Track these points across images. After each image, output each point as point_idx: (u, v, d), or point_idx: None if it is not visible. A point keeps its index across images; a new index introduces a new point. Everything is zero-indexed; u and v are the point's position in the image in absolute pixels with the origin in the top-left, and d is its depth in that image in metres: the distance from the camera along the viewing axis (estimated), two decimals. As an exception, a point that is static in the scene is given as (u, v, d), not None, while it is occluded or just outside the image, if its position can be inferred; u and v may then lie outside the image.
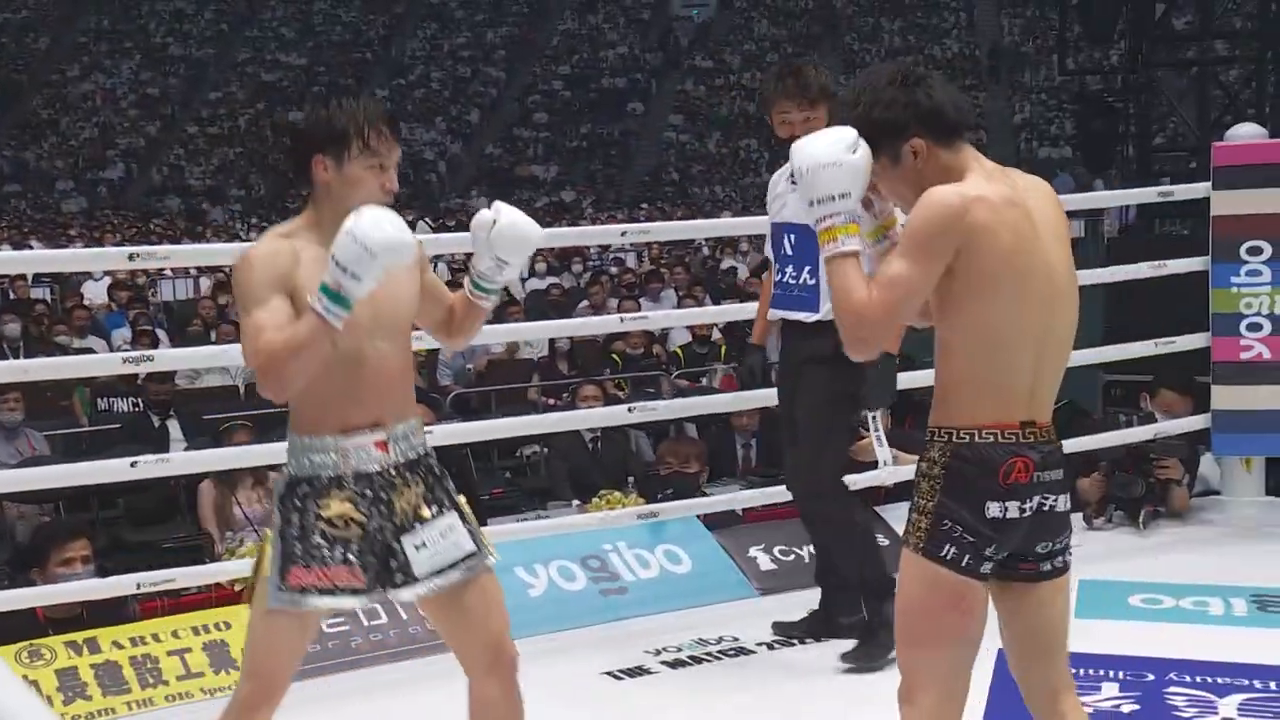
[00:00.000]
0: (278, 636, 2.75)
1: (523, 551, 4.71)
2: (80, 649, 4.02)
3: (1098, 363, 7.18)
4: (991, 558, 2.51)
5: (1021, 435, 2.50)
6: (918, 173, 2.54)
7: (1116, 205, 12.97)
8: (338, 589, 2.71)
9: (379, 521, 2.75)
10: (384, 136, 2.76)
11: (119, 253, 4.63)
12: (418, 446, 2.84)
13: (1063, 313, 2.57)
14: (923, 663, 2.56)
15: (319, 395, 2.71)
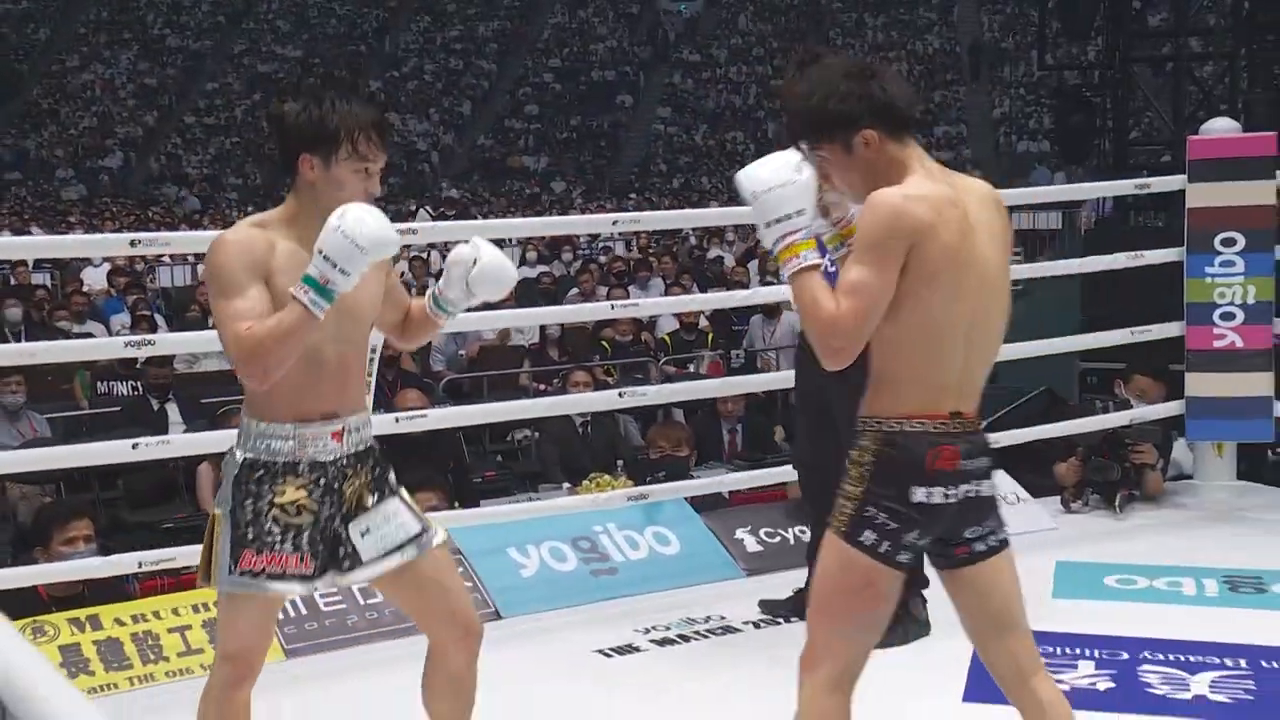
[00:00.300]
0: (241, 617, 2.76)
1: (515, 533, 4.73)
2: (83, 626, 4.03)
3: (1075, 351, 7.20)
4: (911, 545, 2.55)
5: (950, 425, 2.54)
6: (868, 162, 2.57)
7: (1094, 197, 12.99)
8: (287, 574, 2.72)
9: (329, 510, 2.77)
10: (373, 143, 2.74)
11: (121, 239, 4.62)
12: (367, 439, 2.86)
13: (994, 308, 2.60)
14: (830, 635, 2.61)
15: (281, 384, 2.69)
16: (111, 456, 4.59)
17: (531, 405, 6.47)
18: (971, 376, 2.59)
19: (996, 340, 2.65)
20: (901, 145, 2.58)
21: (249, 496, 2.73)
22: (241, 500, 2.73)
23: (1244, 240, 5.51)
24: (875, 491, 2.54)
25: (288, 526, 2.72)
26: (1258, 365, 5.53)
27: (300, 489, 2.74)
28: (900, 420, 2.53)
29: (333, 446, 2.77)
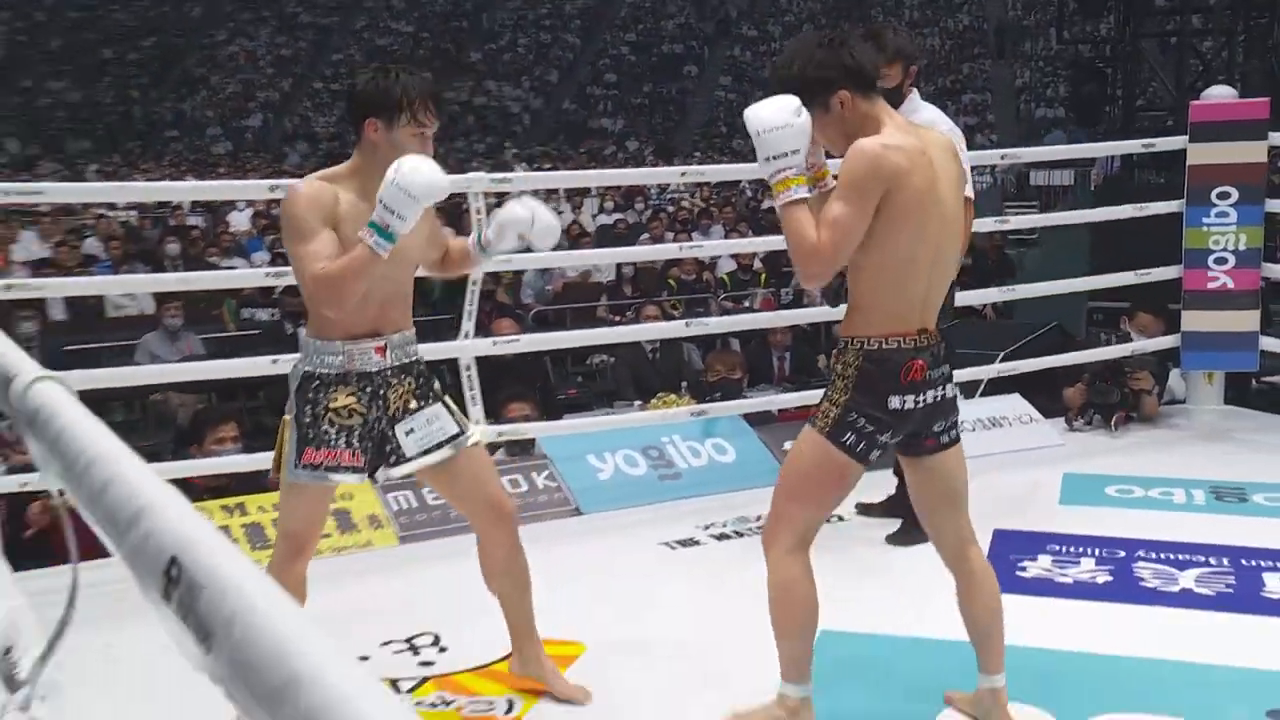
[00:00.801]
0: (300, 504, 2.84)
1: (593, 442, 4.75)
2: (233, 511, 4.11)
3: (1084, 291, 7.10)
4: (883, 445, 2.62)
5: (919, 341, 2.59)
6: (844, 119, 2.59)
7: (1104, 156, 12.73)
8: (341, 467, 2.79)
9: (376, 413, 2.83)
10: (429, 110, 2.77)
11: (261, 185, 4.64)
12: (411, 353, 2.90)
13: (950, 243, 2.63)
14: (794, 513, 2.69)
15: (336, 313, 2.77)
16: (254, 371, 4.64)
17: (608, 333, 6.48)
18: (932, 299, 2.63)
19: (953, 268, 2.71)
20: (871, 103, 2.60)
21: (308, 403, 2.80)
22: (303, 406, 2.80)
23: (1237, 194, 5.42)
24: (858, 400, 2.58)
25: (341, 428, 2.79)
26: (1246, 304, 5.46)
27: (350, 396, 2.80)
28: (878, 339, 2.57)
29: (376, 360, 2.82)
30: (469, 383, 4.43)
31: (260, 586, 0.60)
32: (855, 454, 2.60)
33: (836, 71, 2.57)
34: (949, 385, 2.67)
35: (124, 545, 0.74)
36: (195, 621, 0.62)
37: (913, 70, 4.02)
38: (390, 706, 0.49)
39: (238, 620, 0.58)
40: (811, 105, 2.58)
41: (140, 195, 11.75)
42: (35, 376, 1.06)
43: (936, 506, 2.75)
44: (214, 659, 0.60)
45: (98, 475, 0.81)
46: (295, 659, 0.53)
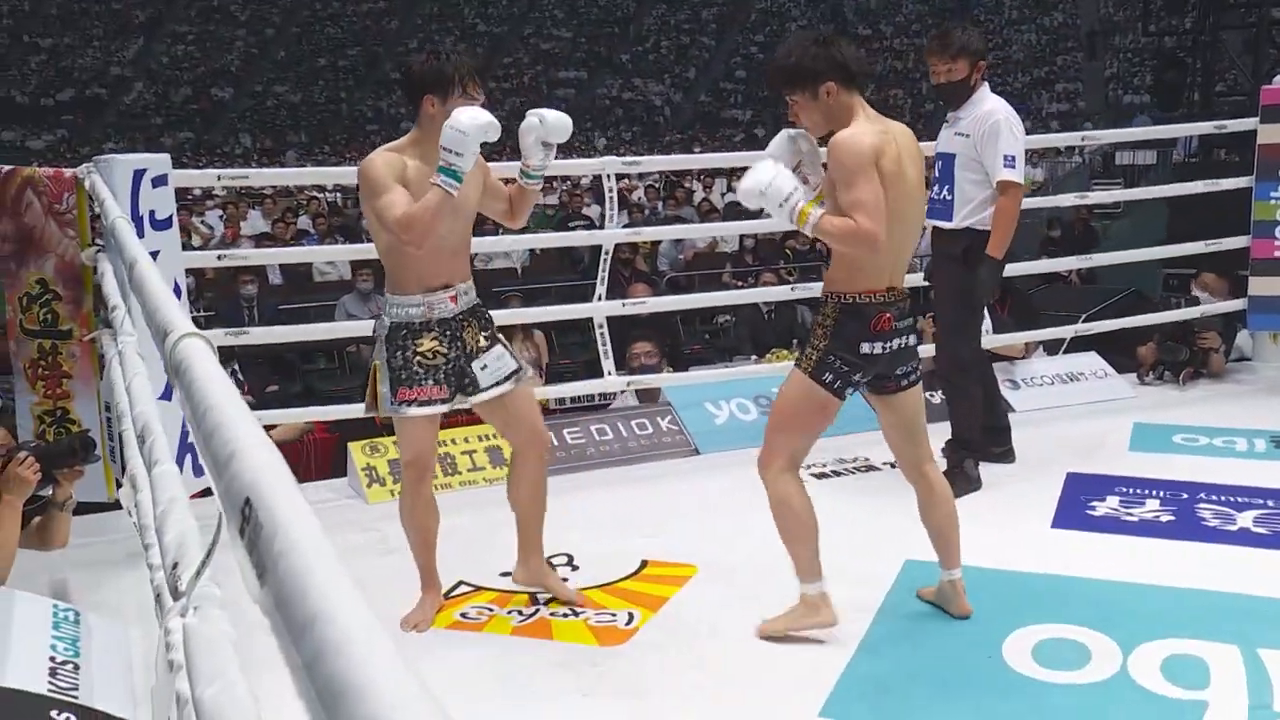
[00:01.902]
0: (410, 433, 2.92)
1: (712, 391, 4.69)
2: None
3: (1160, 259, 6.76)
4: (856, 384, 2.73)
5: (888, 297, 2.67)
6: (828, 106, 2.67)
7: (1183, 137, 12.08)
8: (431, 400, 2.87)
9: (455, 353, 2.89)
10: (477, 85, 2.81)
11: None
12: (473, 299, 2.95)
13: (913, 214, 2.72)
14: (783, 441, 2.78)
15: (409, 266, 2.82)
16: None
17: (731, 296, 6.40)
18: (900, 261, 2.70)
19: (916, 235, 2.78)
20: (851, 95, 2.67)
21: (399, 349, 2.85)
22: (394, 353, 2.85)
23: (1304, 170, 5.05)
24: (835, 345, 2.68)
25: (428, 368, 2.86)
26: (1309, 271, 5.10)
27: (434, 340, 2.86)
28: (854, 295, 2.66)
29: (450, 307, 2.88)
30: (601, 339, 4.41)
31: (306, 532, 0.56)
32: (834, 389, 2.71)
33: (826, 64, 2.65)
34: (911, 335, 2.75)
35: (220, 484, 0.72)
36: (257, 557, 0.59)
37: (980, 65, 3.86)
38: (386, 647, 0.45)
39: (282, 559, 0.55)
40: (803, 91, 2.67)
41: (326, 178, 12.02)
42: (183, 333, 1.06)
43: (897, 435, 2.86)
44: (265, 593, 0.57)
45: (210, 421, 0.80)
46: (318, 599, 0.50)
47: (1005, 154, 3.75)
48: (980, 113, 3.82)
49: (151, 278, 1.53)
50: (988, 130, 3.77)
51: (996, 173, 3.76)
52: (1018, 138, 3.79)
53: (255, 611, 0.66)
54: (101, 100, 37.72)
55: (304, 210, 12.90)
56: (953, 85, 3.85)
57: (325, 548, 0.55)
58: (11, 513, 2.83)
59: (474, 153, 2.66)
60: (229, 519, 0.68)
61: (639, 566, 3.30)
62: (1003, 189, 3.77)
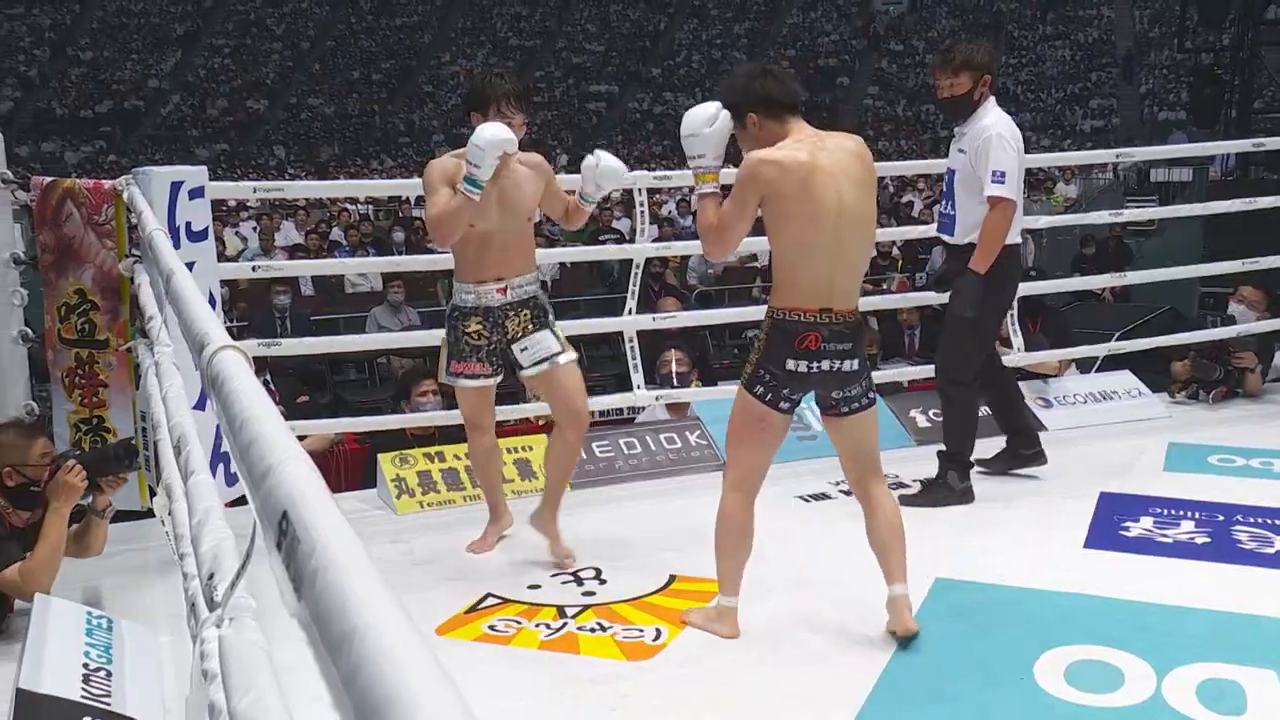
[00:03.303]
0: (464, 399, 3.41)
1: (741, 404, 4.67)
2: (433, 458, 4.15)
3: (1196, 276, 6.70)
4: (787, 398, 2.79)
5: (818, 318, 2.72)
6: (755, 135, 2.78)
7: (1220, 154, 11.96)
8: (475, 375, 3.33)
9: (496, 337, 3.30)
10: (511, 106, 3.17)
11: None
12: (529, 292, 3.32)
13: (851, 233, 2.73)
14: (734, 455, 2.91)
15: (466, 258, 3.27)
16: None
17: (758, 310, 6.36)
18: (842, 283, 2.74)
19: (861, 255, 2.82)
20: (781, 124, 2.77)
21: (453, 329, 3.33)
22: (451, 331, 3.34)
23: (1345, 189, 4.98)
24: (766, 359, 2.77)
25: (473, 347, 3.30)
26: (1348, 291, 5.02)
27: (478, 324, 3.29)
28: (785, 312, 2.74)
29: (498, 298, 3.28)
30: (631, 353, 4.41)
31: (344, 547, 0.57)
32: (766, 401, 2.79)
33: (747, 98, 2.78)
34: (849, 362, 2.77)
35: (257, 497, 0.73)
36: (294, 570, 0.60)
37: (985, 80, 3.83)
38: (428, 661, 0.45)
39: (320, 574, 0.56)
40: (737, 121, 2.80)
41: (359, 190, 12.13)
42: (220, 345, 1.07)
43: (844, 457, 2.94)
44: (302, 607, 0.57)
45: (247, 434, 0.80)
46: (356, 613, 0.50)
47: (995, 169, 3.73)
48: (978, 128, 3.81)
49: (188, 289, 1.55)
50: (981, 145, 3.77)
51: (986, 188, 3.75)
52: (1010, 154, 3.75)
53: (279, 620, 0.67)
54: (139, 112, 38.24)
55: (335, 222, 13.01)
56: (955, 100, 3.85)
57: (364, 562, 0.55)
58: (60, 520, 2.87)
59: (491, 164, 3.02)
60: (266, 533, 0.68)
61: (667, 581, 3.29)
62: (991, 204, 3.75)
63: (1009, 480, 4.14)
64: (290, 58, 41.42)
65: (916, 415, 4.82)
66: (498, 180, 3.16)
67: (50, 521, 2.85)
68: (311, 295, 9.42)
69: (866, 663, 2.72)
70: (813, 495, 4.09)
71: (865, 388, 2.84)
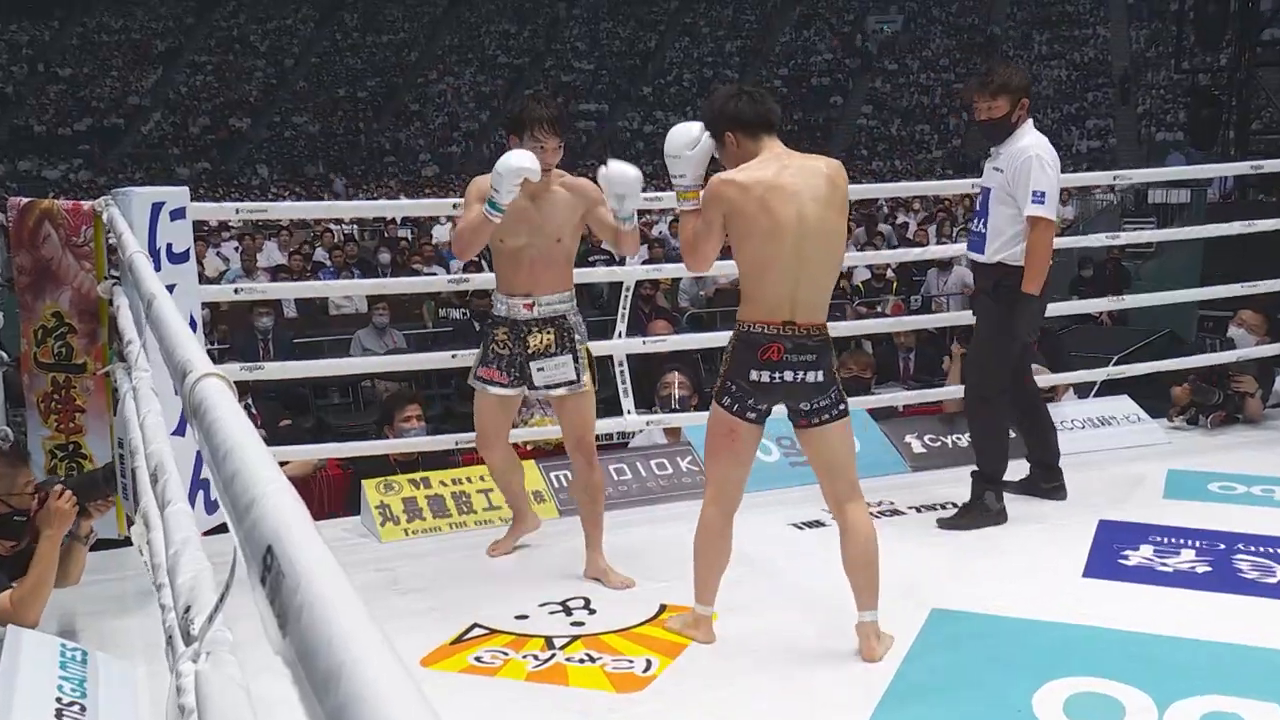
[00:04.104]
0: (481, 404, 3.60)
1: (733, 430, 4.67)
2: (418, 484, 4.16)
3: (1195, 300, 6.73)
4: (754, 408, 2.90)
5: (781, 330, 2.84)
6: (733, 153, 2.95)
7: (1218, 176, 12.05)
8: (494, 382, 3.53)
9: (517, 350, 3.48)
10: (544, 130, 3.36)
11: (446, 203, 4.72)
12: (560, 310, 3.48)
13: (813, 250, 2.85)
14: (710, 468, 3.03)
15: (501, 272, 3.49)
16: (436, 364, 4.73)
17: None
18: (805, 297, 2.86)
19: (824, 272, 2.91)
20: (755, 142, 2.92)
21: (484, 336, 3.57)
22: (485, 337, 3.57)
23: (1345, 212, 5.01)
24: (732, 370, 2.90)
25: (497, 355, 3.51)
26: (1348, 315, 5.05)
27: (504, 334, 3.50)
28: (749, 324, 2.87)
29: (524, 312, 3.47)
30: (621, 377, 4.42)
31: (330, 582, 0.57)
32: (733, 412, 2.90)
33: (724, 118, 2.94)
34: (813, 373, 2.88)
35: (240, 530, 0.73)
36: (279, 606, 0.60)
37: (1023, 102, 3.94)
38: (414, 700, 0.46)
39: (305, 610, 0.56)
40: (717, 139, 2.96)
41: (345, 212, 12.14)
42: (203, 373, 1.07)
43: (818, 471, 3.02)
44: (287, 643, 0.57)
45: (230, 465, 0.81)
46: (342, 651, 0.51)
47: (1035, 190, 3.83)
48: (1016, 148, 3.90)
49: (170, 314, 1.55)
50: (1020, 166, 3.86)
51: (1025, 208, 3.84)
52: (1050, 174, 3.85)
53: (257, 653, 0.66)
54: (119, 130, 38.26)
55: (319, 242, 13.01)
56: (994, 123, 3.94)
57: (350, 597, 0.55)
58: (53, 547, 2.86)
59: (510, 190, 3.24)
60: (250, 567, 0.68)
61: (658, 611, 3.29)
62: (1032, 224, 3.84)
63: (1006, 508, 4.14)
64: (274, 75, 41.52)
65: (912, 440, 4.83)
66: (533, 200, 3.40)
67: (44, 549, 2.85)
68: (294, 317, 9.41)
69: (862, 696, 2.72)
70: (806, 522, 4.09)
71: (835, 399, 2.95)
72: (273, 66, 41.88)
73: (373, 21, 43.50)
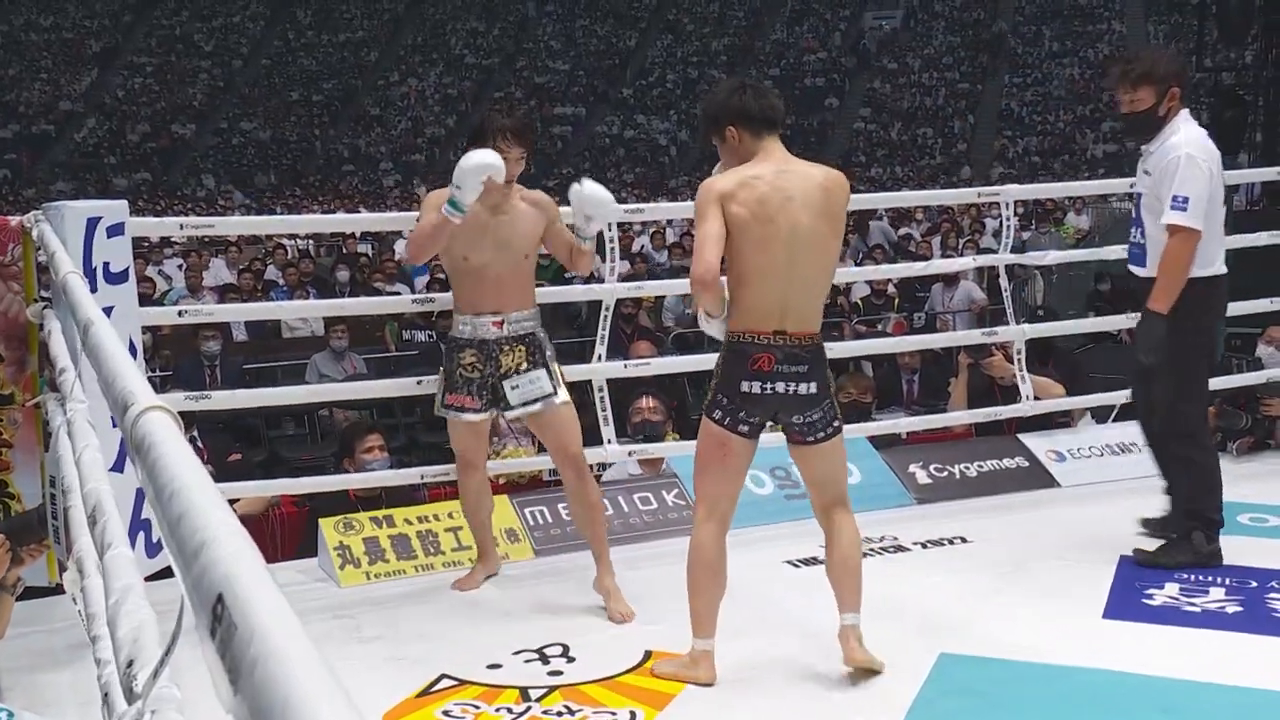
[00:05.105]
0: (455, 432, 3.74)
1: (723, 460, 4.68)
2: (380, 523, 4.13)
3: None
4: (745, 420, 3.00)
5: (772, 339, 2.95)
6: (734, 150, 3.06)
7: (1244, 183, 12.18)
8: (465, 408, 3.63)
9: (489, 370, 3.60)
10: (507, 140, 3.52)
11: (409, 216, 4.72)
12: (527, 327, 3.63)
13: (804, 258, 2.96)
14: (699, 484, 3.11)
15: (463, 291, 3.62)
16: (399, 391, 4.73)
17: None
18: (796, 305, 2.97)
19: (815, 280, 3.02)
20: (757, 140, 3.04)
21: (449, 360, 3.65)
22: (448, 363, 3.65)
23: (1379, 221, 5.06)
24: (722, 381, 3.01)
25: (465, 379, 3.61)
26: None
27: (473, 356, 3.60)
28: (739, 334, 2.98)
29: (494, 331, 3.59)
30: (601, 404, 4.43)
31: (285, 634, 0.57)
32: (724, 425, 3.00)
33: (729, 111, 3.04)
34: (805, 384, 2.98)
35: (188, 577, 0.73)
36: (230, 661, 0.60)
37: (1173, 93, 3.78)
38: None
39: (259, 664, 0.56)
40: (717, 135, 3.07)
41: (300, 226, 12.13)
42: (146, 406, 1.07)
43: (811, 486, 3.17)
44: (238, 701, 0.58)
45: (176, 506, 0.81)
46: (298, 708, 0.51)
47: (1178, 194, 3.67)
48: (1165, 147, 3.76)
49: (108, 341, 1.55)
50: (1166, 166, 3.72)
51: (1165, 214, 3.69)
52: (1200, 177, 3.69)
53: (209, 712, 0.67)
54: (49, 137, 38.15)
55: (271, 259, 12.99)
56: (1137, 116, 3.82)
57: (307, 650, 0.56)
58: None
59: (472, 187, 3.37)
60: (198, 618, 0.69)
61: (642, 659, 3.28)
62: (1170, 232, 3.69)
63: (1019, 544, 4.16)
64: (220, 77, 41.53)
65: (916, 471, 4.85)
66: (495, 215, 3.55)
67: None
68: (244, 341, 9.37)
69: (865, 749, 2.72)
70: (803, 560, 4.09)
71: (829, 415, 3.05)
72: (219, 68, 41.90)
73: (328, 19, 43.60)
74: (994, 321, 7.91)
